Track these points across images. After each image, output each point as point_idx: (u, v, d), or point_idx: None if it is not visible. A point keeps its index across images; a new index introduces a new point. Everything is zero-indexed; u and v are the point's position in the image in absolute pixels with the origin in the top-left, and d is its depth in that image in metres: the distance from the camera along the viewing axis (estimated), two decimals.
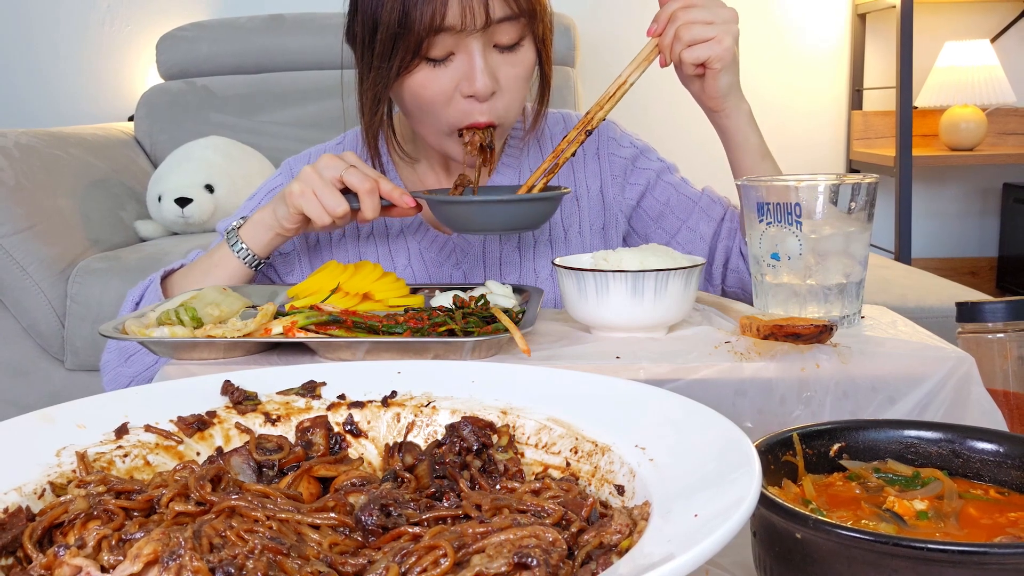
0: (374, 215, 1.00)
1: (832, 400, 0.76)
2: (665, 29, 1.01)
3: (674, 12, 1.00)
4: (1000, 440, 0.60)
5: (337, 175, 0.99)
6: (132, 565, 0.43)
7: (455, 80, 1.01)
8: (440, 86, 1.02)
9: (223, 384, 0.67)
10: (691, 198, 1.23)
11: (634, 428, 0.58)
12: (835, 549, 0.49)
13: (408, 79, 1.02)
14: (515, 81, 1.05)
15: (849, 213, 0.84)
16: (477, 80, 1.00)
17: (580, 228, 1.21)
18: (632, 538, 0.46)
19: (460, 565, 0.44)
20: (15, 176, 2.11)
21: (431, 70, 1.01)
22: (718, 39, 1.00)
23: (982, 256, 3.16)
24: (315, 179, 0.99)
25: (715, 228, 1.21)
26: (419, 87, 1.02)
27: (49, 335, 2.08)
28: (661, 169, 1.24)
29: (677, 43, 1.00)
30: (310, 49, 2.66)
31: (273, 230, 1.05)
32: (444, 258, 1.18)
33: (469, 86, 1.00)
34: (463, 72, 1.01)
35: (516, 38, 1.03)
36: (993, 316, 0.82)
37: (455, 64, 1.01)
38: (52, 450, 0.58)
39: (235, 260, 1.06)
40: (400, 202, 1.00)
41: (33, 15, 3.04)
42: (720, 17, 1.00)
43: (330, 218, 1.00)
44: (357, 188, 0.99)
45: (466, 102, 1.02)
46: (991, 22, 3.02)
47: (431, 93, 1.02)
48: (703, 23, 0.99)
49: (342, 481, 0.57)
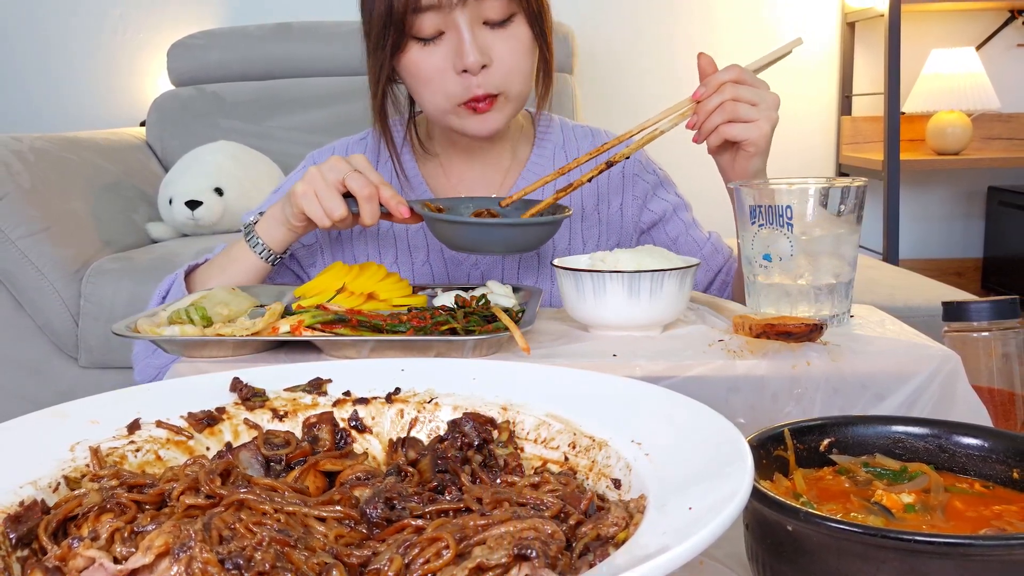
0: (372, 221, 0.97)
1: (822, 397, 0.76)
2: (710, 98, 0.97)
3: (724, 84, 0.96)
4: (985, 435, 0.60)
5: (340, 178, 0.97)
6: (144, 557, 0.43)
7: (447, 57, 1.02)
8: (433, 64, 1.03)
9: (232, 381, 0.67)
10: (697, 242, 1.23)
11: (630, 424, 0.58)
12: (825, 541, 0.49)
13: (403, 59, 1.04)
14: (510, 54, 1.04)
15: (839, 215, 0.84)
16: (467, 55, 1.00)
17: (599, 242, 1.21)
18: (628, 530, 0.46)
19: (462, 557, 0.44)
20: (30, 179, 2.10)
21: (422, 48, 1.03)
22: (759, 124, 0.97)
23: (967, 257, 3.16)
24: (318, 181, 0.98)
25: (710, 279, 1.22)
26: (413, 66, 1.04)
27: (63, 334, 2.08)
28: (678, 205, 1.24)
29: (719, 114, 0.96)
30: (316, 56, 2.66)
31: (284, 226, 1.04)
32: (464, 256, 1.17)
33: (460, 61, 1.01)
34: (453, 48, 1.01)
35: (505, 14, 1.03)
36: (978, 315, 0.82)
37: (445, 41, 1.02)
38: (66, 445, 0.58)
39: (252, 255, 1.05)
40: (395, 211, 0.97)
41: (48, 24, 3.04)
42: (766, 101, 0.97)
43: (329, 221, 0.98)
44: (357, 193, 0.97)
45: (462, 78, 1.03)
46: (976, 30, 3.02)
47: (425, 72, 1.03)
48: (748, 103, 0.96)
49: (347, 475, 0.57)
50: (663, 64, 2.94)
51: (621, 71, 2.94)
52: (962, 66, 2.83)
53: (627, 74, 2.94)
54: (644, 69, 2.94)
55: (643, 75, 2.94)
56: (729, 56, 1.07)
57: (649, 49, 2.95)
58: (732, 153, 1.02)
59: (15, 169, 2.09)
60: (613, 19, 2.91)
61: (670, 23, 2.96)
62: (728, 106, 0.96)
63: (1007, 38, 3.03)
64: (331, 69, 2.64)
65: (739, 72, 0.97)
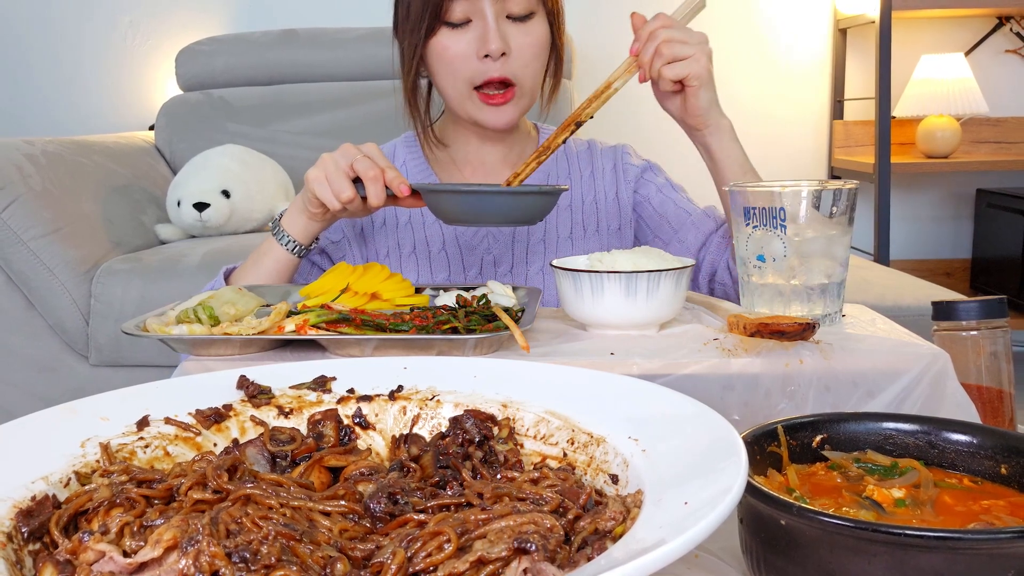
0: (378, 202, 1.00)
1: (815, 394, 0.76)
2: (645, 46, 1.02)
3: (653, 31, 1.02)
4: (973, 432, 0.60)
5: (349, 163, 1.01)
6: (153, 550, 0.43)
7: (472, 43, 1.10)
8: (459, 47, 1.10)
9: (239, 379, 0.67)
10: (688, 212, 1.25)
11: (627, 421, 0.58)
12: (818, 535, 0.49)
13: (432, 42, 1.12)
14: (527, 48, 1.12)
15: (831, 217, 0.84)
16: (491, 41, 1.08)
17: (598, 228, 1.26)
18: (625, 524, 0.46)
19: (463, 550, 0.44)
20: (42, 182, 2.10)
21: (451, 32, 1.11)
22: (695, 57, 1.01)
23: (956, 258, 3.16)
24: (329, 165, 1.01)
25: (702, 240, 1.22)
26: (441, 48, 1.11)
27: (74, 333, 2.08)
28: (664, 185, 1.28)
29: (658, 59, 1.01)
30: (321, 62, 2.66)
31: (304, 213, 1.07)
32: (478, 241, 1.22)
33: (483, 47, 1.09)
34: (478, 35, 1.09)
35: (527, 9, 1.11)
36: (967, 315, 0.82)
37: (472, 28, 1.10)
38: (77, 441, 0.58)
39: (279, 248, 1.09)
40: (396, 191, 1.00)
41: (60, 30, 3.04)
42: (695, 38, 1.02)
43: (338, 203, 1.01)
44: (363, 175, 1.00)
45: (482, 63, 1.10)
46: (965, 37, 3.02)
47: (452, 53, 1.11)
48: (680, 42, 1.01)
49: (351, 471, 0.57)
50: None
51: None
52: (951, 71, 2.83)
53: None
54: None
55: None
56: (723, 61, 1.07)
57: None
58: (681, 97, 1.06)
59: (27, 172, 2.09)
60: (611, 26, 2.91)
61: None
62: (663, 48, 1.01)
63: (995, 44, 3.02)
64: (335, 74, 2.64)
65: (664, 19, 1.03)
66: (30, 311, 2.09)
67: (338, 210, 1.02)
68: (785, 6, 2.99)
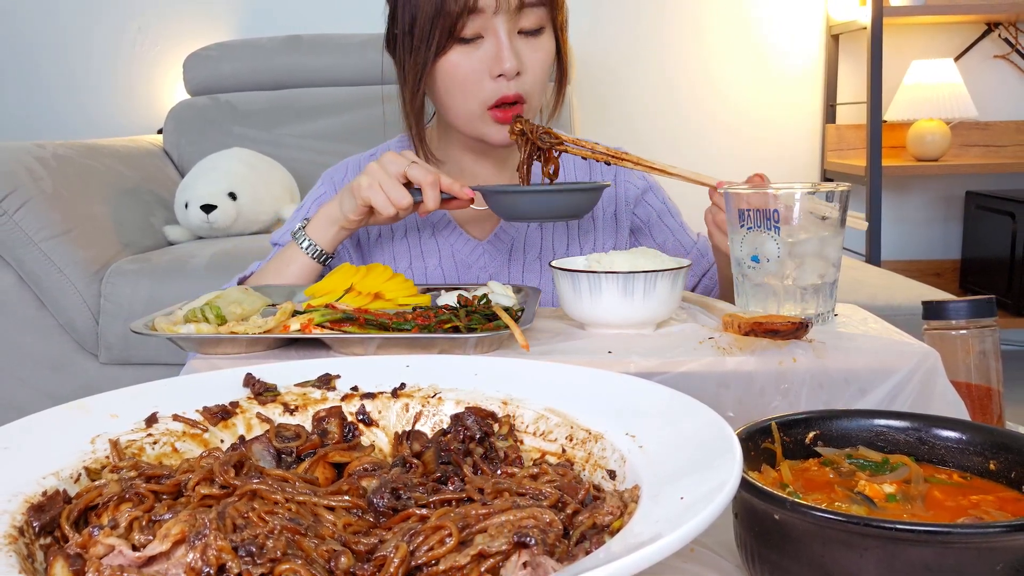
0: (435, 206, 1.01)
1: (808, 391, 0.76)
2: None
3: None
4: (963, 429, 0.60)
5: (401, 170, 1.01)
6: (161, 544, 0.43)
7: (484, 61, 1.04)
8: (471, 66, 1.04)
9: (245, 377, 0.67)
10: (684, 247, 1.25)
11: (625, 417, 0.58)
12: (810, 529, 0.49)
13: (443, 60, 1.05)
14: (538, 64, 1.07)
15: (823, 219, 0.84)
16: (505, 59, 1.02)
17: (595, 246, 1.24)
18: (623, 519, 0.46)
19: (464, 544, 0.44)
20: (53, 184, 2.10)
21: (463, 49, 1.04)
22: None
23: (946, 258, 3.16)
24: (381, 174, 1.01)
25: (694, 284, 1.23)
26: (452, 68, 1.05)
27: (84, 332, 2.08)
28: (663, 211, 1.26)
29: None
30: (326, 67, 2.66)
31: (338, 223, 1.06)
32: (475, 259, 1.20)
33: (498, 65, 1.03)
34: (492, 53, 1.04)
35: (539, 24, 1.06)
36: (956, 314, 0.82)
37: (484, 46, 1.04)
38: (87, 438, 0.58)
39: (303, 256, 1.08)
40: (460, 194, 1.01)
41: (70, 35, 3.04)
42: None
43: (395, 209, 1.01)
44: (420, 181, 1.00)
45: (496, 82, 1.05)
46: (955, 42, 3.02)
47: (463, 72, 1.05)
48: None
49: (355, 466, 0.57)
50: (656, 75, 2.94)
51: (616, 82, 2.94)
52: (941, 76, 2.83)
53: (622, 85, 2.94)
54: (638, 80, 2.94)
55: (637, 86, 2.94)
56: (719, 66, 1.07)
57: (643, 61, 2.95)
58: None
59: (39, 175, 2.09)
60: (608, 33, 2.91)
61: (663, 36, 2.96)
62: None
63: (984, 50, 3.02)
64: (339, 79, 2.64)
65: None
66: (41, 310, 2.09)
67: (390, 216, 1.02)
68: (779, 13, 2.99)
